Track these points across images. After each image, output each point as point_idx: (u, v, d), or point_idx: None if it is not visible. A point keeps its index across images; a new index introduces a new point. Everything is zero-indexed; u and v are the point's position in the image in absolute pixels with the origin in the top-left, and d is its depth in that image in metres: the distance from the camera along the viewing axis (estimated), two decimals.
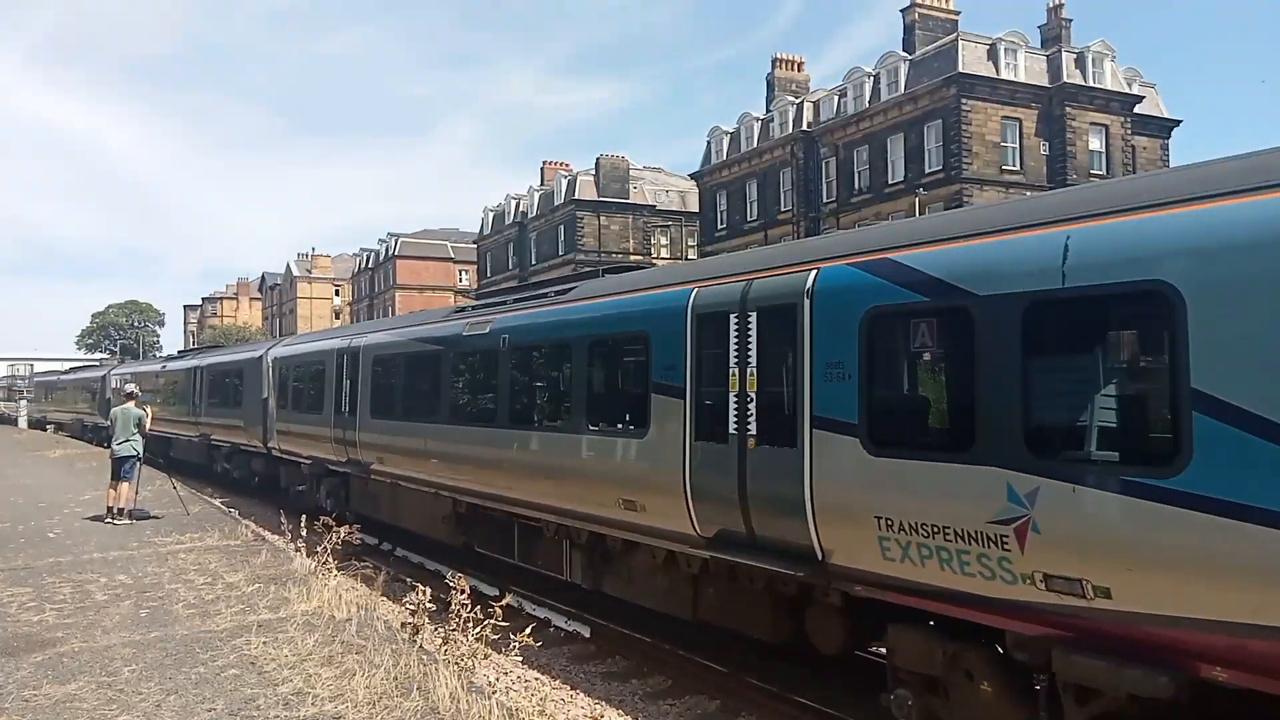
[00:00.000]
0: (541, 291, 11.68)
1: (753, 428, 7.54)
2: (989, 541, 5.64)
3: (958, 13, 44.87)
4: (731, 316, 7.84)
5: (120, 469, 15.11)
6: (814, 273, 7.15)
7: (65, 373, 57.02)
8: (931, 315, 6.49)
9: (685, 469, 8.16)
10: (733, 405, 7.73)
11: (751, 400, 7.58)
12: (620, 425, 9.37)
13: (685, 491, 8.14)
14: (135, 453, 15.20)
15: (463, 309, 13.88)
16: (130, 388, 16.95)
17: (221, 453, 24.81)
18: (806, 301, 7.09)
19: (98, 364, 60.15)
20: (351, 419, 15.87)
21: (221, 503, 18.62)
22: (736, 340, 7.78)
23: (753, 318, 7.64)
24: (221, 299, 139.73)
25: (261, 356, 21.50)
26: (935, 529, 5.98)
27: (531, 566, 11.59)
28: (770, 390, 7.50)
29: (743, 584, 8.11)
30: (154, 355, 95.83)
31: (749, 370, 7.64)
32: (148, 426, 15.70)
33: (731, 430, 7.70)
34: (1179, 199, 5.16)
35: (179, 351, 43.17)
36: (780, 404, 7.37)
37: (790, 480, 7.06)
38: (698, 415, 8.14)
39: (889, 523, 6.28)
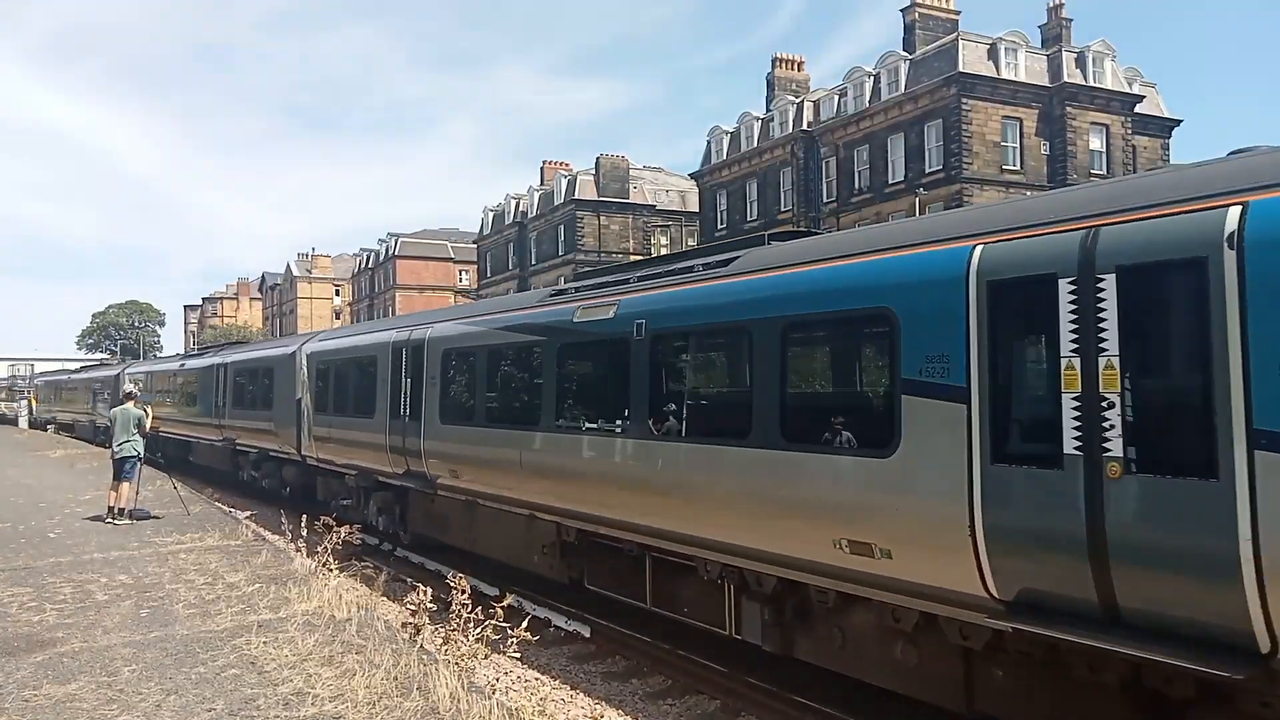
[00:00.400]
0: (683, 265, 9.22)
1: (1115, 447, 5.28)
2: None
3: (958, 12, 44.88)
4: (1063, 283, 5.54)
5: (121, 469, 15.11)
6: (1237, 209, 4.92)
7: (75, 372, 55.32)
8: None
9: (973, 502, 5.86)
10: (1070, 414, 5.46)
11: (1110, 406, 5.32)
12: (840, 439, 7.00)
13: (973, 534, 5.84)
14: (136, 453, 15.20)
15: (562, 291, 11.31)
16: (129, 387, 16.95)
17: (248, 459, 22.76)
18: (1229, 253, 4.87)
19: (110, 363, 58.44)
20: (414, 424, 13.63)
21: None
22: (1075, 317, 5.49)
23: (1108, 282, 5.35)
24: (221, 299, 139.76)
25: (295, 352, 19.49)
26: None
27: (672, 613, 9.32)
28: (1149, 391, 5.36)
29: (1077, 673, 5.80)
30: (154, 353, 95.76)
31: (1103, 361, 5.36)
32: (148, 426, 15.71)
33: (1071, 450, 5.45)
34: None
35: (198, 348, 40.80)
36: (1174, 411, 5.32)
37: (1207, 526, 4.88)
38: (994, 427, 5.84)
39: None
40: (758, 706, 8.23)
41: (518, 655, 7.77)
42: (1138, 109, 43.07)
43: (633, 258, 61.39)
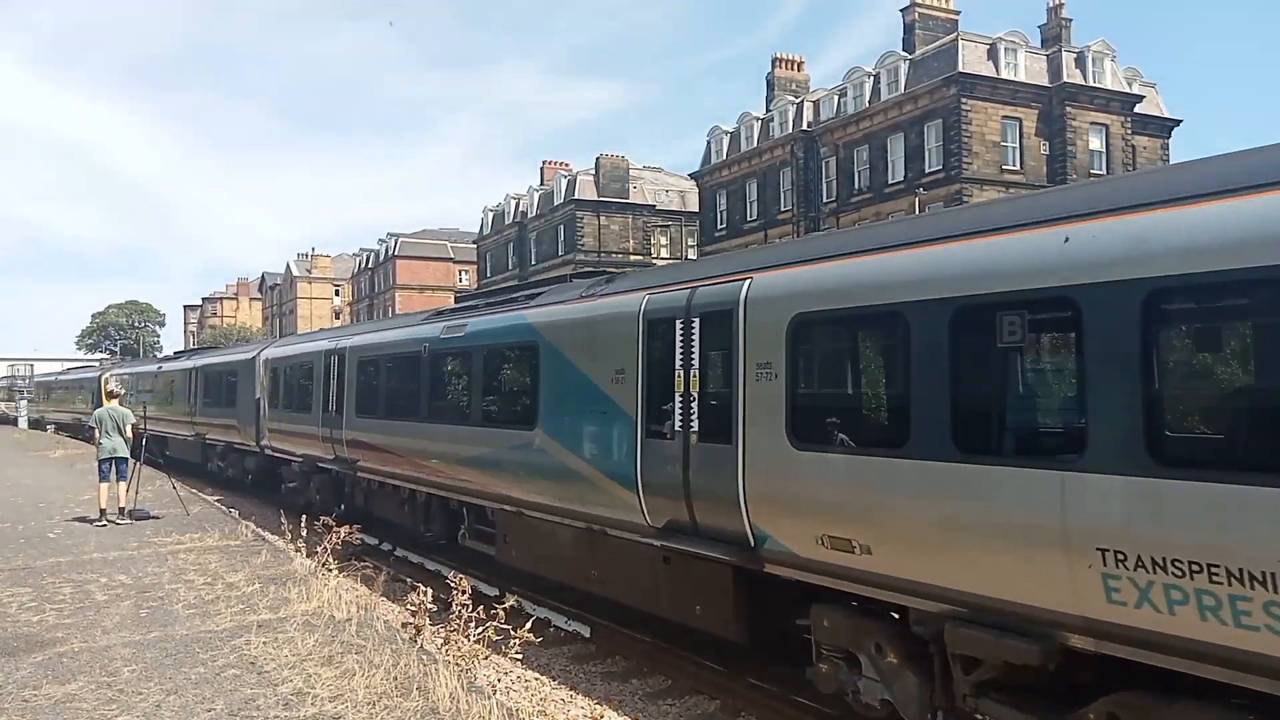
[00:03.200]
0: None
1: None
2: None
3: (958, 12, 44.89)
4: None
5: (113, 469, 15.08)
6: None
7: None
8: None
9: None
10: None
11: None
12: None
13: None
14: (126, 453, 15.16)
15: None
16: (113, 386, 16.99)
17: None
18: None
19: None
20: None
21: (218, 500, 18.74)
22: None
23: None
24: (221, 299, 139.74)
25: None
26: None
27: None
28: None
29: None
30: (154, 353, 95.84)
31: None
32: (127, 427, 15.46)
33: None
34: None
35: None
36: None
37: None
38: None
39: None
40: (758, 706, 8.23)
41: (519, 656, 7.77)
42: (1137, 109, 43.08)
43: (632, 259, 61.49)
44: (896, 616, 6.76)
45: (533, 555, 11.23)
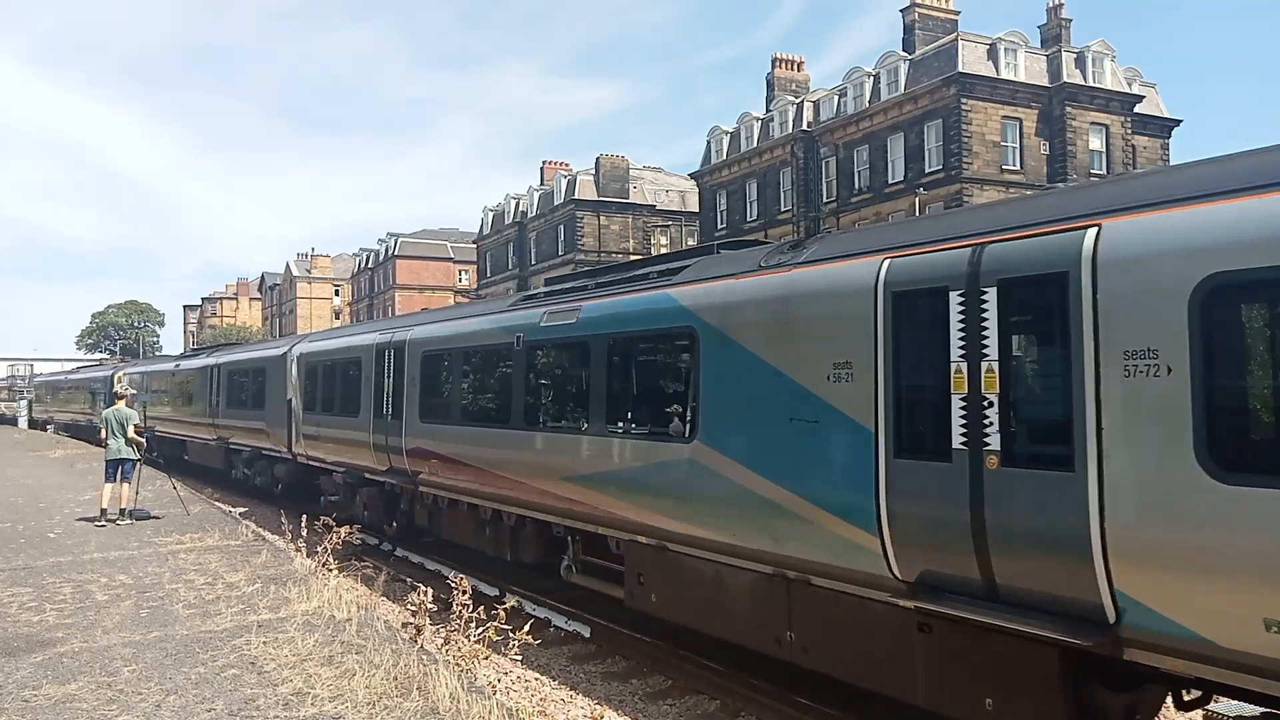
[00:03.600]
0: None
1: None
2: None
3: (958, 12, 44.91)
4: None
5: (118, 470, 15.09)
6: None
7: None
8: None
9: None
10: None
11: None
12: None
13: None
14: (132, 454, 15.17)
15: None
16: (119, 387, 16.95)
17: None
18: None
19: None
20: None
21: (241, 513, 17.39)
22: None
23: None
24: (221, 299, 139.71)
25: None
26: None
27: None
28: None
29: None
30: (153, 353, 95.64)
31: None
32: (131, 428, 15.50)
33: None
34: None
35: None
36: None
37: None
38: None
39: None
40: (758, 706, 8.23)
41: (519, 656, 7.77)
42: (1137, 109, 43.09)
43: (632, 258, 61.46)
44: None
45: (684, 604, 8.73)
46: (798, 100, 49.99)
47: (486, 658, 7.97)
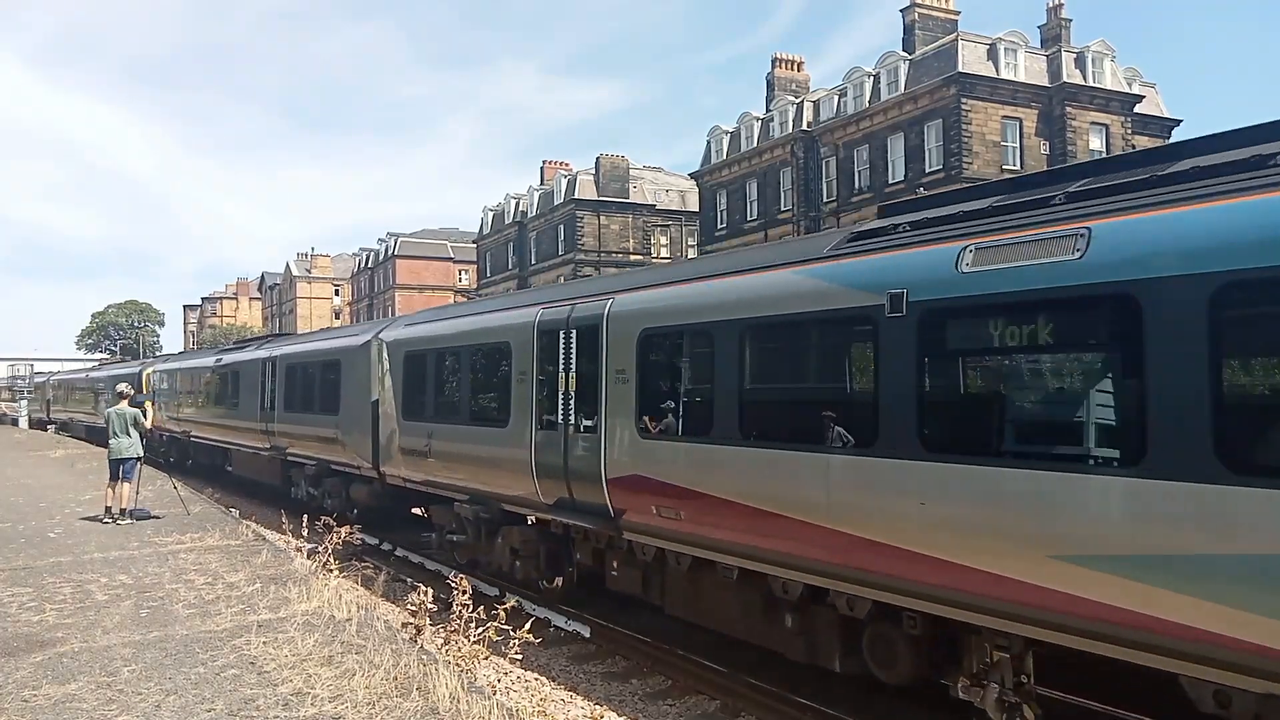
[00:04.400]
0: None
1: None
2: None
3: (958, 12, 44.90)
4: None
5: (120, 469, 15.10)
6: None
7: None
8: None
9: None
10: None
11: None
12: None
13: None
14: (135, 454, 15.18)
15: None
16: (123, 387, 16.69)
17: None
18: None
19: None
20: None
21: (240, 513, 16.16)
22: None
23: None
24: (221, 299, 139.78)
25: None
26: None
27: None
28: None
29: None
30: (154, 353, 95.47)
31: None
32: (148, 425, 15.67)
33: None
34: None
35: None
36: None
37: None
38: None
39: None
40: (758, 706, 8.23)
41: (519, 656, 7.77)
42: (1137, 109, 43.09)
43: (632, 259, 61.50)
44: None
45: None
46: (798, 100, 49.98)
47: (486, 658, 7.98)
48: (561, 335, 10.42)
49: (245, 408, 21.82)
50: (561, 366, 10.39)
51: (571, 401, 10.17)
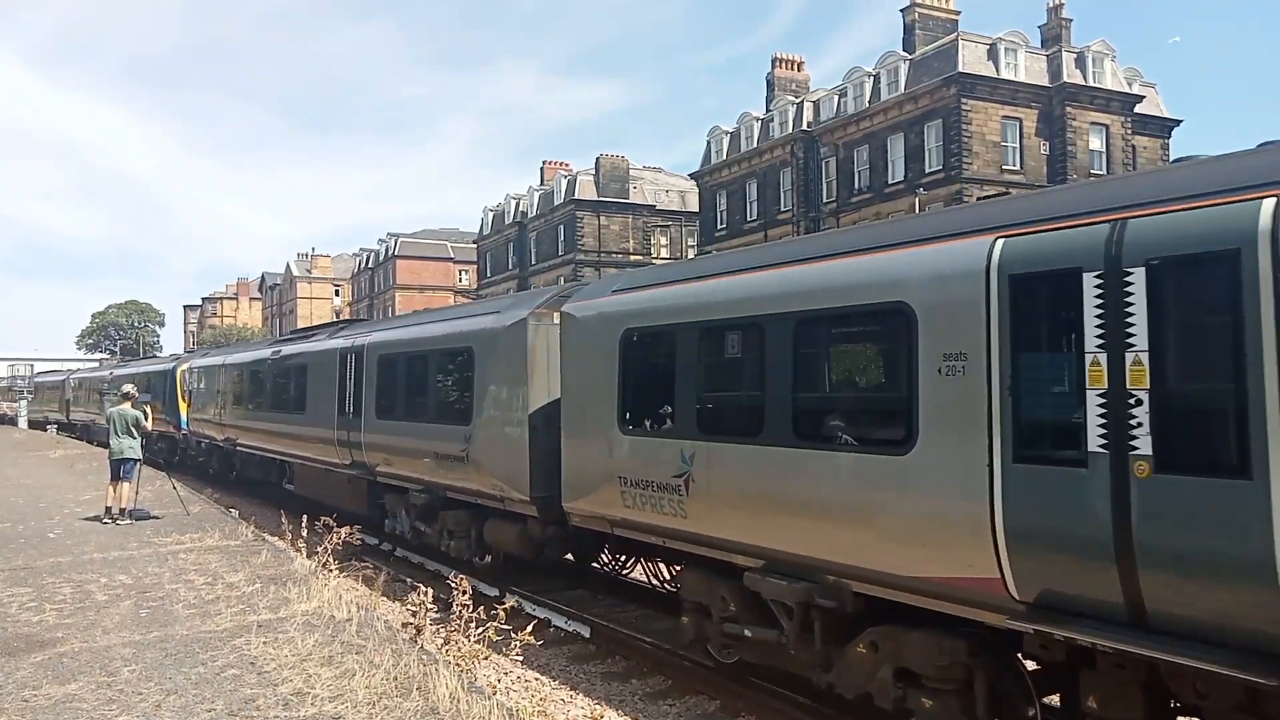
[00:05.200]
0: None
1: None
2: None
3: (958, 12, 44.91)
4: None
5: (120, 470, 15.10)
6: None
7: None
8: None
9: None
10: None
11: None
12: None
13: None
14: (135, 454, 15.18)
15: None
16: (127, 388, 16.67)
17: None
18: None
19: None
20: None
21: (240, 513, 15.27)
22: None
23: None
24: (221, 299, 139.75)
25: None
26: None
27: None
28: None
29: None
30: (154, 353, 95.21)
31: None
32: (149, 426, 15.66)
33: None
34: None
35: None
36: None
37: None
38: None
39: None
40: (758, 706, 8.22)
41: (519, 656, 7.77)
42: (1137, 109, 43.09)
43: (632, 259, 61.49)
44: None
45: None
46: (798, 100, 49.98)
47: (486, 658, 7.98)
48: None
49: (315, 411, 17.21)
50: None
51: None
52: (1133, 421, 5.05)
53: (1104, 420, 5.17)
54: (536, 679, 9.25)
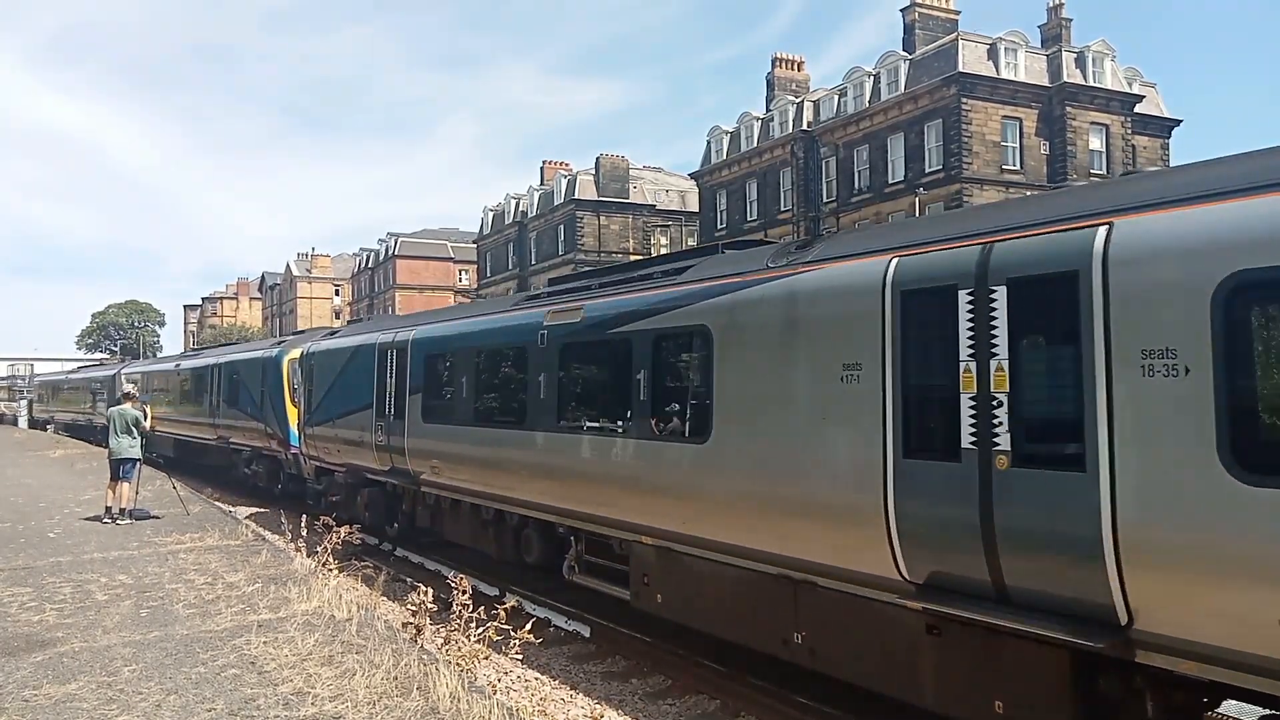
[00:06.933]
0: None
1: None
2: None
3: (958, 12, 44.92)
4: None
5: (120, 469, 15.10)
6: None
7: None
8: None
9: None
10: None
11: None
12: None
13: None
14: (135, 454, 15.18)
15: None
16: (128, 388, 16.68)
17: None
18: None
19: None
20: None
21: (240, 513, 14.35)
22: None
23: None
24: (221, 299, 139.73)
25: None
26: None
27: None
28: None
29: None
30: (154, 353, 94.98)
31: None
32: (147, 426, 15.66)
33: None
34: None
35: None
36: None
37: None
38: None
39: None
40: (758, 706, 8.23)
41: (519, 656, 7.77)
42: (1137, 109, 43.09)
43: (633, 258, 61.49)
44: None
45: None
46: (798, 100, 49.99)
47: (487, 657, 7.98)
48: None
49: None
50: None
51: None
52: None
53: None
54: (536, 678, 9.25)
